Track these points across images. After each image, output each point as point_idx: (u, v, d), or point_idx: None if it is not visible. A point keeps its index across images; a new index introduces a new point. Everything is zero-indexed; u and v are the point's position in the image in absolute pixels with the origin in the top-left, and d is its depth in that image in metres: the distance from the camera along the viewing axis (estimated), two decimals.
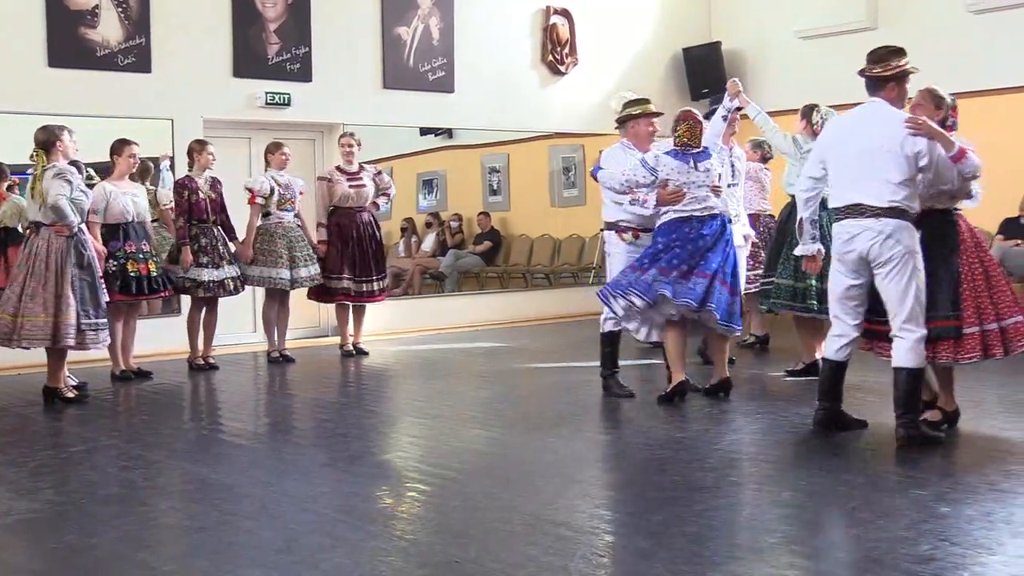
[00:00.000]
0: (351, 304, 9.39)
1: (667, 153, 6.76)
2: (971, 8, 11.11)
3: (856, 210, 5.45)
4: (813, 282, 7.38)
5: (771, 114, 8.03)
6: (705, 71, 13.10)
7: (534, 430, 6.31)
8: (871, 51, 5.64)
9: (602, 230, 7.29)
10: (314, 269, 9.01)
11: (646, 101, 7.17)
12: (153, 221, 8.50)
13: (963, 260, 5.59)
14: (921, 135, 5.40)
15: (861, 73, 5.62)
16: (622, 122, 7.14)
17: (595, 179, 7.07)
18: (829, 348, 5.75)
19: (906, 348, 5.41)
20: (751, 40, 13.09)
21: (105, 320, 7.22)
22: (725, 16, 13.43)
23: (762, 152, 9.26)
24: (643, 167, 6.69)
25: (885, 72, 5.55)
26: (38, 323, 6.91)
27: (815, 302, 7.41)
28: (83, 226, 7.14)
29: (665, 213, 6.68)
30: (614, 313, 6.79)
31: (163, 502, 4.93)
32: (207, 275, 8.41)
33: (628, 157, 6.95)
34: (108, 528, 4.43)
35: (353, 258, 9.17)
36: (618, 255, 7.00)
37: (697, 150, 6.77)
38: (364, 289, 9.27)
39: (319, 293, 9.30)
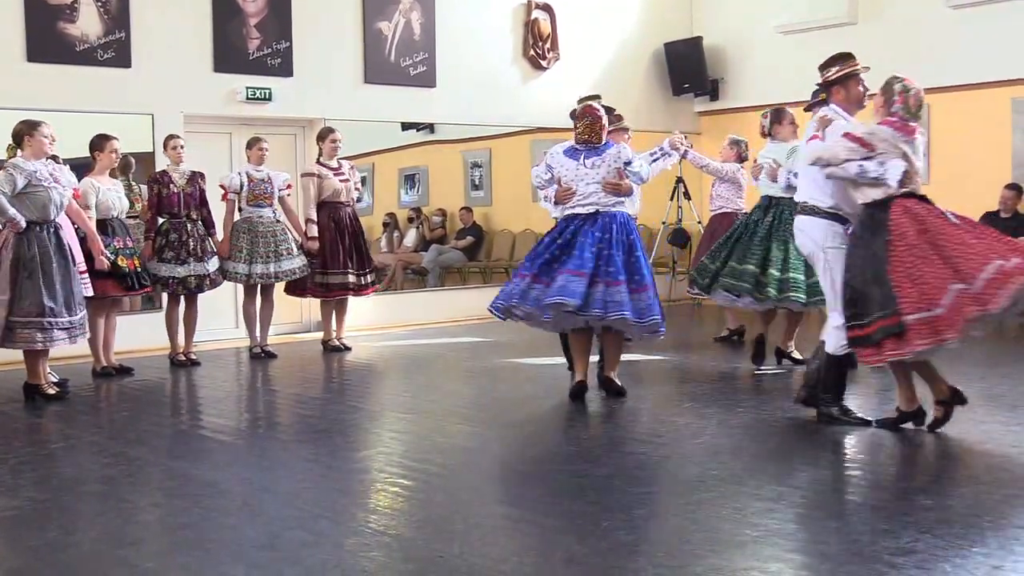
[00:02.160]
0: (334, 299, 9.37)
1: (563, 151, 6.76)
2: (950, 3, 11.17)
3: None
4: (800, 276, 7.42)
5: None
6: (687, 66, 13.15)
7: (517, 425, 6.32)
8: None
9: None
10: (296, 263, 8.95)
11: (595, 97, 7.16)
12: (131, 218, 8.46)
13: (896, 246, 5.31)
14: None
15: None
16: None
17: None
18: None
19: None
20: (732, 35, 13.13)
21: (63, 319, 6.93)
22: (707, 12, 13.46)
23: (739, 151, 9.26)
24: (545, 165, 6.75)
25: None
26: None
27: (802, 294, 7.44)
28: (58, 221, 7.04)
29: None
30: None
31: (144, 498, 4.91)
32: (165, 271, 8.33)
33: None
34: (89, 525, 4.42)
35: (350, 252, 9.16)
36: None
37: (593, 146, 6.71)
38: (361, 282, 9.26)
39: (314, 290, 9.22)
